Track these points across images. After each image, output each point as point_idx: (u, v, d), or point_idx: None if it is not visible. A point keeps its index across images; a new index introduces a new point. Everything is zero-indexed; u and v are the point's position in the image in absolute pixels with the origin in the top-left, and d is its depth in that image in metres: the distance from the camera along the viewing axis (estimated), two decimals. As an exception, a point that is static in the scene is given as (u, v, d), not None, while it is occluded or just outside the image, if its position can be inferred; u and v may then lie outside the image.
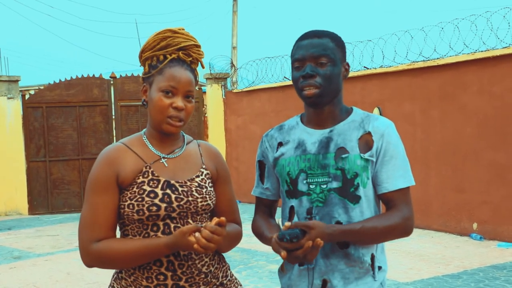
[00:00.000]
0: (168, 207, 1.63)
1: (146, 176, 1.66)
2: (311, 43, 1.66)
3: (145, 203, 1.62)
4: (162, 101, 1.65)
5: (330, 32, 1.72)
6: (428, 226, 7.45)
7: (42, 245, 7.47)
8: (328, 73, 1.65)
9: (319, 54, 1.65)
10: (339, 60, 1.69)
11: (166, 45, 1.69)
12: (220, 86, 11.75)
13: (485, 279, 5.07)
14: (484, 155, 6.85)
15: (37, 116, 10.63)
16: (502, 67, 6.64)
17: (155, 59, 1.70)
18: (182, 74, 1.68)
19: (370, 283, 1.68)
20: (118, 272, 1.73)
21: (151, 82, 1.70)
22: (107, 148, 1.72)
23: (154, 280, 1.64)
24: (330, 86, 1.66)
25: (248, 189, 11.98)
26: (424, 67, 7.54)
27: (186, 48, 1.71)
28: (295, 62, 1.69)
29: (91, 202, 1.65)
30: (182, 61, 1.70)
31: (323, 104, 1.69)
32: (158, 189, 1.64)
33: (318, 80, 1.65)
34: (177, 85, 1.66)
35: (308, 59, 1.66)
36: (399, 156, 1.68)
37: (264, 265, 5.87)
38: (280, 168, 1.75)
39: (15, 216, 10.45)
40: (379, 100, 8.21)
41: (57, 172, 10.72)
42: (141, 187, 1.64)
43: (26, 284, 5.49)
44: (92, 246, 1.62)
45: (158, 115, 1.66)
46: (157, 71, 1.68)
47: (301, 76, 1.67)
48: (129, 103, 10.84)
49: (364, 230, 1.59)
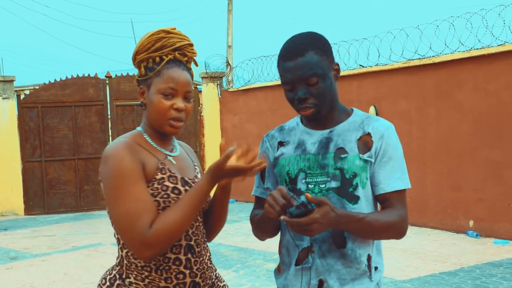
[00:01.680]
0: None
1: (164, 172, 1.65)
2: (296, 65, 1.62)
3: (171, 199, 1.61)
4: (163, 103, 1.64)
5: (311, 38, 1.66)
6: (424, 224, 7.47)
7: (38, 246, 7.45)
8: (321, 90, 1.64)
9: (307, 76, 1.62)
10: (328, 69, 1.66)
11: (161, 46, 1.68)
12: (216, 85, 11.74)
13: (481, 276, 5.09)
14: (480, 152, 6.87)
15: (32, 116, 10.59)
16: (498, 65, 6.66)
17: (151, 61, 1.69)
18: (180, 75, 1.67)
19: (366, 283, 1.68)
20: (121, 279, 1.67)
21: (149, 84, 1.68)
22: (117, 142, 1.64)
23: (173, 280, 1.63)
24: (325, 101, 1.66)
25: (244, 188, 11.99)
26: (420, 65, 7.56)
27: (181, 48, 1.71)
28: (284, 85, 1.68)
29: (130, 193, 1.55)
30: (178, 61, 1.70)
31: (322, 115, 1.70)
32: (179, 185, 1.65)
33: (312, 101, 1.65)
34: (177, 87, 1.66)
35: (297, 82, 1.64)
36: (398, 158, 1.69)
37: (261, 264, 5.87)
38: (279, 167, 1.76)
39: (11, 217, 10.41)
40: (375, 98, 8.23)
41: (53, 172, 10.70)
42: (162, 183, 1.62)
43: (23, 284, 5.48)
44: (149, 233, 1.52)
45: (159, 117, 1.66)
46: (155, 73, 1.67)
47: (295, 99, 1.66)
48: (124, 103, 10.83)
49: (366, 221, 1.59)
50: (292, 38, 1.69)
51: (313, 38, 1.67)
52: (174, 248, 1.64)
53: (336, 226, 1.57)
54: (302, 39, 1.66)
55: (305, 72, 1.62)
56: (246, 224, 8.05)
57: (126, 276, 1.66)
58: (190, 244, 1.66)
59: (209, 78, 11.65)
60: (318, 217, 1.49)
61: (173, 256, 1.63)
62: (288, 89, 1.67)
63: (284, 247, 1.76)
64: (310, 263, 1.67)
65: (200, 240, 1.70)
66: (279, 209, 1.52)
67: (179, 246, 1.65)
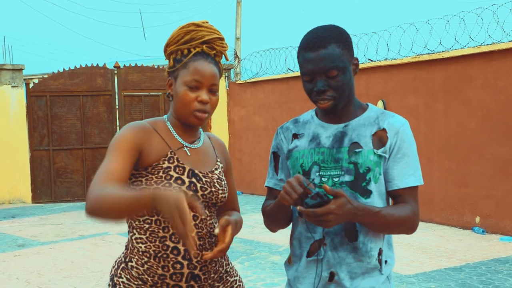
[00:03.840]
0: (194, 196, 1.65)
1: (171, 161, 1.67)
2: (318, 57, 1.62)
3: (173, 188, 1.62)
4: (188, 95, 1.67)
5: (333, 31, 1.66)
6: (430, 219, 7.46)
7: (46, 234, 7.52)
8: (340, 83, 1.64)
9: (328, 68, 1.62)
10: (348, 63, 1.66)
11: (190, 38, 1.71)
12: (223, 77, 11.73)
13: (487, 272, 5.09)
14: (488, 149, 6.85)
15: (41, 105, 10.64)
16: (508, 61, 6.61)
17: (179, 53, 1.72)
18: (206, 67, 1.69)
19: (376, 276, 1.69)
20: (125, 262, 1.72)
21: (176, 76, 1.71)
22: (134, 122, 1.71)
23: (170, 269, 1.65)
24: (343, 95, 1.67)
25: (251, 180, 12.01)
26: (429, 60, 7.52)
27: (209, 41, 1.73)
28: (304, 75, 1.68)
29: (110, 157, 1.60)
30: (206, 54, 1.71)
31: (339, 109, 1.71)
32: (185, 176, 1.66)
33: (331, 93, 1.65)
34: (202, 79, 1.68)
35: (317, 74, 1.64)
36: (412, 154, 1.70)
37: (267, 256, 5.90)
38: (293, 160, 1.76)
39: (18, 204, 10.50)
40: (383, 93, 8.20)
41: (61, 161, 10.76)
42: (167, 172, 1.65)
43: (31, 272, 5.53)
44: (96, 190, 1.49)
45: (184, 108, 1.69)
46: (182, 65, 1.70)
47: (314, 90, 1.66)
48: (132, 93, 10.85)
49: (381, 214, 1.60)
50: (315, 30, 1.69)
51: (335, 31, 1.67)
52: (173, 236, 1.65)
53: (352, 219, 1.57)
54: (325, 31, 1.66)
55: (327, 64, 1.62)
56: (251, 216, 8.07)
57: (129, 260, 1.71)
58: None
59: (217, 70, 11.64)
60: (334, 208, 1.50)
61: (172, 244, 1.65)
62: (308, 80, 1.67)
63: (296, 239, 1.76)
64: (322, 255, 1.68)
65: (203, 234, 1.69)
66: (296, 196, 1.52)
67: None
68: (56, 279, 5.24)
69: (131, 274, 1.70)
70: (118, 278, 1.72)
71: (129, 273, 1.70)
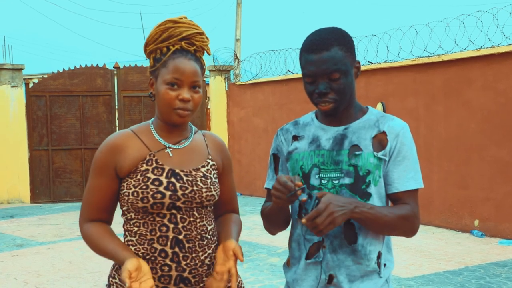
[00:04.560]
0: (172, 195, 1.63)
1: (150, 164, 1.66)
2: (321, 59, 1.62)
3: (150, 190, 1.62)
4: (168, 94, 1.65)
5: (336, 34, 1.67)
6: (429, 222, 7.46)
7: (44, 234, 7.51)
8: (342, 86, 1.64)
9: (330, 70, 1.62)
10: (350, 66, 1.66)
11: (168, 36, 1.68)
12: (223, 78, 11.74)
13: (486, 276, 5.09)
14: (488, 151, 6.85)
15: (40, 105, 10.64)
16: (507, 64, 6.62)
17: (159, 51, 1.69)
18: (186, 65, 1.67)
19: (375, 279, 1.69)
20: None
21: (156, 75, 1.70)
22: (114, 134, 1.76)
23: (158, 271, 1.64)
24: (345, 97, 1.67)
25: (250, 182, 12.00)
26: (429, 62, 7.52)
27: (188, 37, 1.69)
28: (306, 77, 1.67)
29: (89, 183, 1.73)
30: (185, 51, 1.69)
31: (339, 111, 1.71)
32: (163, 177, 1.65)
33: (332, 96, 1.65)
34: (181, 77, 1.66)
35: (319, 76, 1.64)
36: (412, 157, 1.70)
37: (265, 258, 5.89)
38: (293, 162, 1.75)
39: (17, 204, 10.49)
40: (383, 95, 8.20)
41: (60, 161, 10.75)
42: (145, 175, 1.65)
43: (29, 271, 5.52)
44: (83, 226, 1.72)
45: (165, 107, 1.67)
46: (161, 64, 1.68)
47: (315, 93, 1.66)
48: (132, 94, 10.85)
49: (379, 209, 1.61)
50: (318, 32, 1.69)
51: (338, 34, 1.67)
52: (161, 239, 1.65)
53: (353, 209, 1.57)
54: (328, 33, 1.66)
55: (329, 66, 1.62)
56: (250, 218, 8.07)
57: None
58: (178, 238, 1.65)
59: (217, 71, 11.65)
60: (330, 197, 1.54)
61: (159, 247, 1.64)
62: (309, 81, 1.67)
63: (295, 241, 1.76)
64: (321, 257, 1.68)
65: (192, 236, 1.67)
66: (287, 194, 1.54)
67: (165, 238, 1.65)
68: (54, 279, 5.23)
69: None
70: (113, 279, 1.73)
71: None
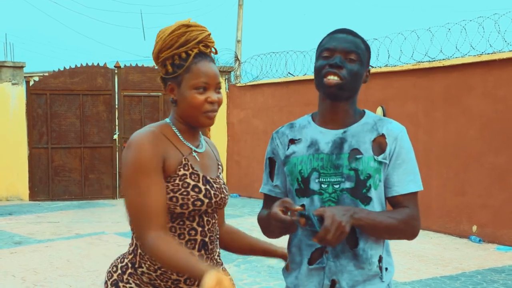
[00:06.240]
0: (209, 203, 1.67)
1: (186, 168, 1.65)
2: (345, 38, 1.68)
3: (191, 197, 1.63)
4: (197, 98, 1.66)
5: (360, 36, 1.75)
6: (427, 227, 7.46)
7: (42, 232, 7.50)
8: (355, 69, 1.67)
9: (351, 49, 1.67)
10: (366, 63, 1.72)
11: (185, 41, 1.68)
12: (223, 80, 11.74)
13: (483, 281, 5.09)
14: (486, 158, 6.86)
15: (40, 103, 10.64)
16: (508, 70, 6.63)
17: (177, 57, 1.68)
18: (209, 68, 1.69)
19: (377, 284, 1.68)
20: (134, 267, 1.68)
21: (179, 81, 1.68)
22: (144, 131, 1.65)
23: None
24: (352, 83, 1.67)
25: (248, 183, 11.98)
26: (429, 67, 7.53)
27: (203, 40, 1.71)
28: (324, 51, 1.68)
29: (143, 186, 1.56)
30: (204, 54, 1.70)
31: (341, 98, 1.69)
32: (200, 183, 1.66)
33: (344, 72, 1.65)
34: (209, 80, 1.68)
35: (339, 51, 1.67)
36: (411, 160, 1.71)
37: (263, 260, 5.88)
38: (291, 166, 1.73)
39: (15, 202, 10.48)
40: (383, 100, 8.21)
41: (59, 160, 10.75)
42: (184, 180, 1.63)
43: (27, 269, 5.52)
44: (148, 238, 1.55)
45: (194, 111, 1.67)
46: (184, 69, 1.67)
47: (328, 64, 1.66)
48: (132, 93, 10.85)
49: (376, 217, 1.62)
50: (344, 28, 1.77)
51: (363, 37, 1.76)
52: (189, 243, 1.65)
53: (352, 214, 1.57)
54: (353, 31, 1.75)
55: (351, 46, 1.68)
56: (248, 219, 8.07)
57: (139, 265, 1.67)
58: (204, 240, 1.68)
59: (218, 72, 11.64)
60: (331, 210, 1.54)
61: None
62: (325, 55, 1.69)
63: (295, 246, 1.73)
64: (324, 263, 1.67)
65: (214, 238, 1.72)
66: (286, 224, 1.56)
67: (193, 241, 1.66)
68: (51, 278, 5.23)
69: (142, 280, 1.67)
70: (126, 284, 1.67)
71: (139, 278, 1.67)
